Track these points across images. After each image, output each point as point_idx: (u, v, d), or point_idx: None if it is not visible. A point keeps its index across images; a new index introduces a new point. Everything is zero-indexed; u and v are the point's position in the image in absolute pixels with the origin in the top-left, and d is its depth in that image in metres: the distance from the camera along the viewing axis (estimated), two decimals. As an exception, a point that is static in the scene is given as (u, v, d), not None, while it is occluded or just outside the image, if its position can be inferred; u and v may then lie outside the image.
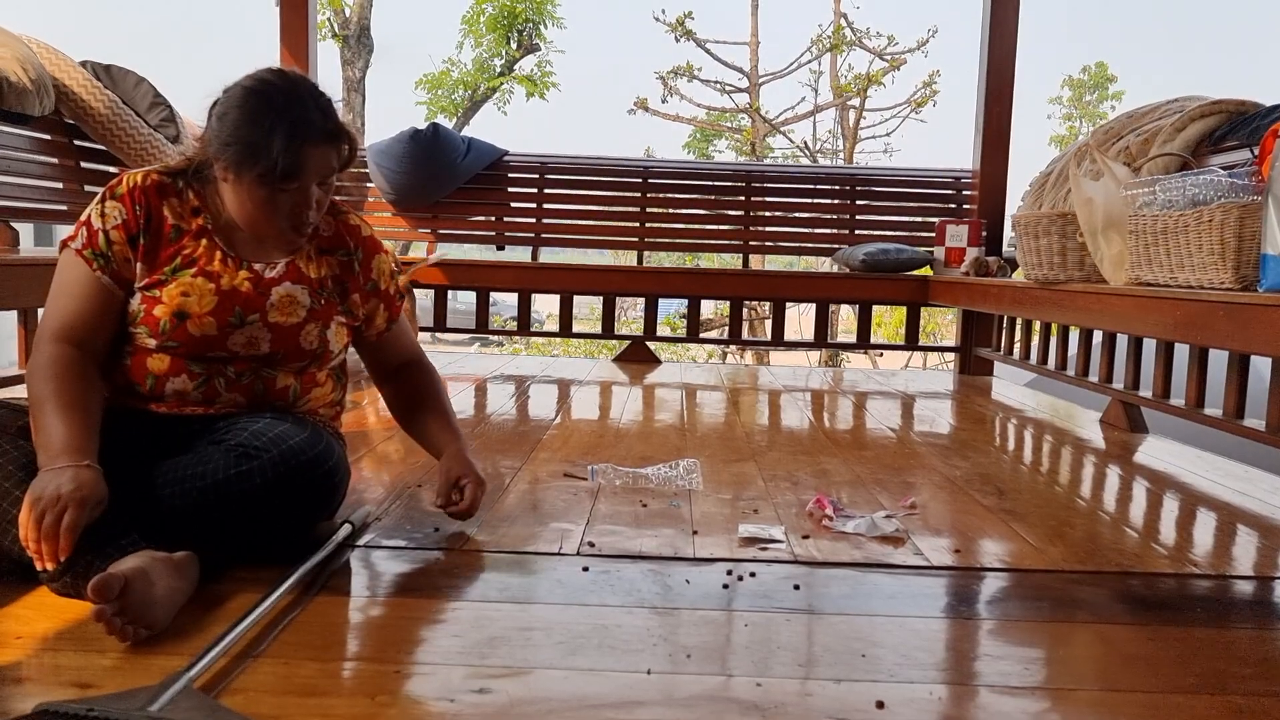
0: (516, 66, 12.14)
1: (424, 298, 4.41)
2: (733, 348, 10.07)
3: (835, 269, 4.47)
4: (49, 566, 1.16)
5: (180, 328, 1.39)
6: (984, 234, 4.02)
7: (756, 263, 8.29)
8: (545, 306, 10.40)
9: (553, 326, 5.09)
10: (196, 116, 1.52)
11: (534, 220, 4.41)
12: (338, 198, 1.59)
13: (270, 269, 1.48)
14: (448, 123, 11.08)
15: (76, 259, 1.40)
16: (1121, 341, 2.87)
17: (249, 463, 1.29)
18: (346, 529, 1.46)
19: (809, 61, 11.57)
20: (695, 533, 1.61)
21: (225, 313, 1.42)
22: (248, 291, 1.44)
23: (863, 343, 4.59)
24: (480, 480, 1.57)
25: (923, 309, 4.38)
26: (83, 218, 1.42)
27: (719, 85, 11.36)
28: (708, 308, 8.19)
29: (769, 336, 4.63)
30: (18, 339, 2.63)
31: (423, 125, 4.18)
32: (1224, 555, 1.64)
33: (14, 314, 2.59)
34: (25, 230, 2.94)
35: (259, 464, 1.30)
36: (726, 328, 4.94)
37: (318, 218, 1.48)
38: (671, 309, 8.70)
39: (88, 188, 3.11)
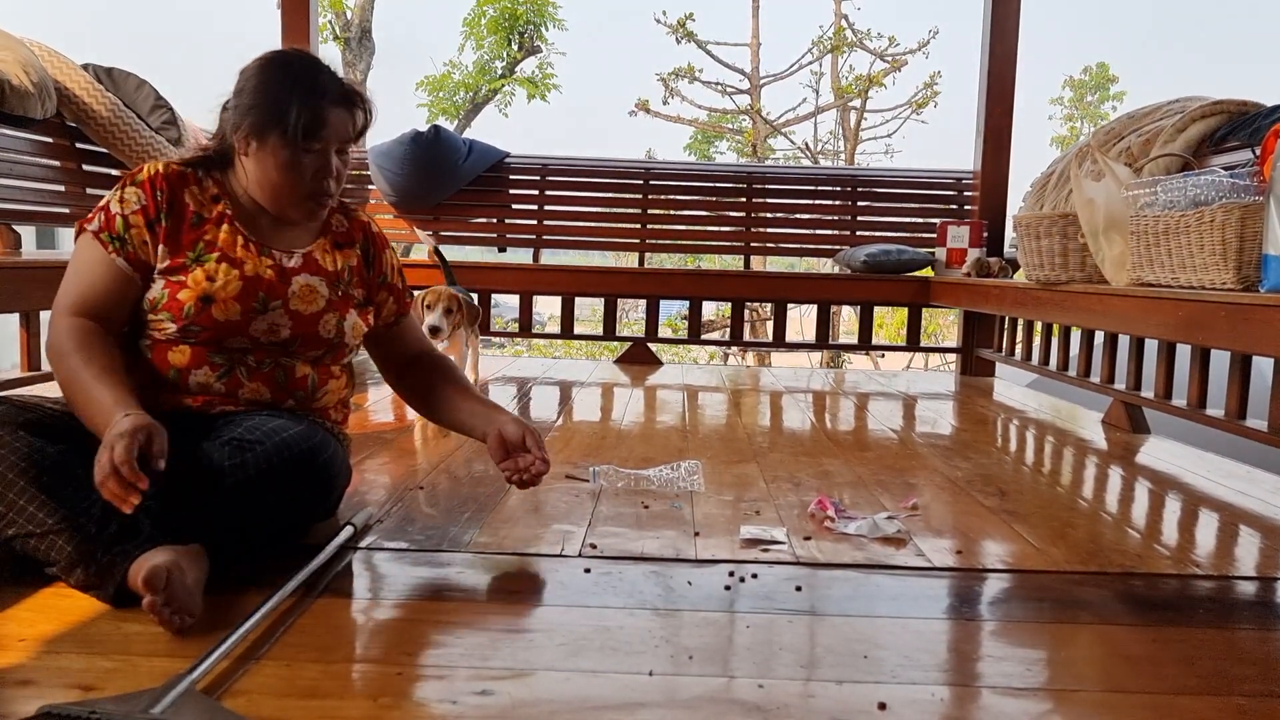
0: (518, 68, 12.14)
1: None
2: (734, 349, 10.07)
3: (837, 270, 4.47)
4: (132, 502, 1.15)
5: (205, 312, 1.41)
6: (985, 235, 4.02)
7: (758, 264, 8.28)
8: (546, 308, 10.37)
9: (554, 328, 5.10)
10: (198, 119, 1.55)
11: (535, 222, 4.41)
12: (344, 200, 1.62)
13: (289, 258, 1.52)
14: (449, 125, 11.08)
15: (92, 241, 1.42)
16: (1123, 342, 2.87)
17: (243, 454, 1.30)
18: (348, 531, 1.47)
19: (810, 63, 11.58)
20: (697, 534, 1.61)
21: (249, 298, 1.44)
22: (270, 278, 1.47)
23: (864, 344, 4.59)
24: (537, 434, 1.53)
25: (924, 310, 4.38)
26: (102, 203, 1.44)
27: (720, 87, 11.37)
28: (709, 309, 8.18)
29: (770, 338, 4.63)
30: (20, 342, 2.63)
31: (424, 127, 4.18)
32: (1226, 556, 1.63)
33: (16, 317, 2.59)
34: (27, 233, 2.94)
35: (253, 455, 1.30)
36: (728, 329, 4.94)
37: (338, 189, 1.52)
38: (673, 310, 8.70)
39: (90, 190, 3.11)
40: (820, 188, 4.62)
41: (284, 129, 1.42)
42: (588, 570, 1.41)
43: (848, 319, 9.78)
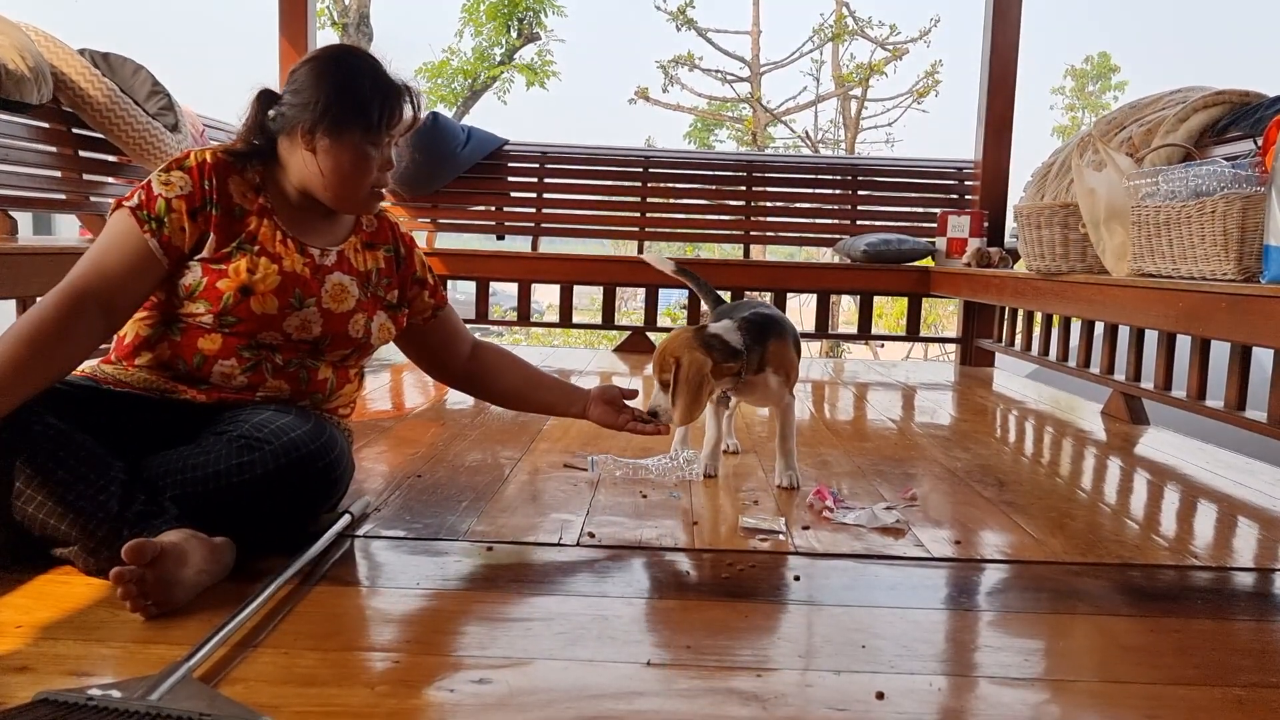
0: (516, 55, 12.09)
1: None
2: (733, 338, 10.03)
3: (837, 260, 4.46)
4: None
5: (243, 303, 1.41)
6: (986, 225, 4.01)
7: (758, 253, 8.28)
8: (545, 297, 10.38)
9: (553, 317, 5.08)
10: (194, 105, 1.53)
11: (534, 210, 4.40)
12: None
13: (325, 256, 1.53)
14: (447, 112, 11.03)
15: (127, 217, 1.39)
16: (1123, 333, 2.87)
17: (251, 454, 1.30)
18: (346, 519, 1.47)
19: (810, 51, 11.53)
20: (695, 524, 1.61)
21: (286, 294, 1.45)
22: (306, 275, 1.48)
23: (864, 334, 4.59)
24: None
25: (924, 300, 4.38)
26: (143, 182, 1.43)
27: (720, 74, 11.34)
28: (708, 298, 8.15)
29: (769, 327, 4.62)
30: (17, 328, 2.62)
31: (422, 114, 4.16)
32: (1224, 547, 1.63)
33: (13, 303, 2.58)
34: (24, 219, 2.93)
35: (261, 455, 1.30)
36: (727, 318, 4.91)
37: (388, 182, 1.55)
38: (672, 300, 8.69)
39: (86, 176, 3.09)
40: (820, 177, 4.60)
41: (365, 125, 1.45)
42: (586, 559, 1.41)
43: (847, 309, 9.78)
